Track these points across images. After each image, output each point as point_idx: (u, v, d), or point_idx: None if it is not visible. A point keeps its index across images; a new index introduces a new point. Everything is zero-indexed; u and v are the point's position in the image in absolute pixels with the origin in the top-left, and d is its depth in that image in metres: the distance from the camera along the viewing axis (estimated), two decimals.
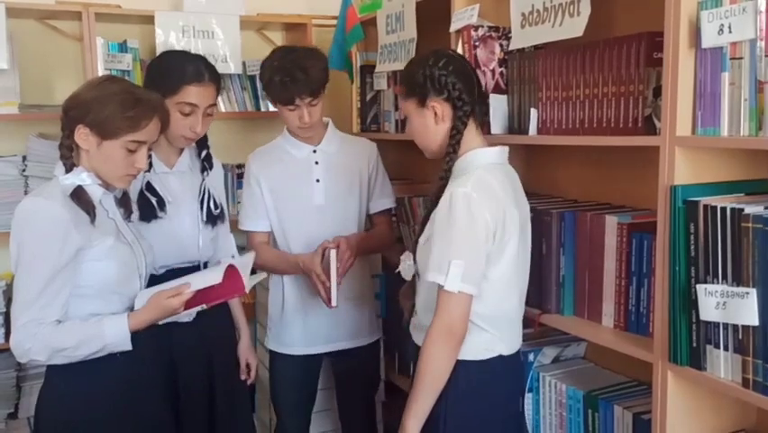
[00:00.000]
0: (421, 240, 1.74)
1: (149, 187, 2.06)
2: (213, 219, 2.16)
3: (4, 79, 2.70)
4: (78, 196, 1.67)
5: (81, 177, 1.69)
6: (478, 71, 2.08)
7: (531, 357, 2.01)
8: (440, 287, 1.61)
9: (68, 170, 1.69)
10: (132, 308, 1.76)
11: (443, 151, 1.76)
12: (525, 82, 2.01)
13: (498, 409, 1.75)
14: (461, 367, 1.67)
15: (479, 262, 1.61)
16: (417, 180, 2.64)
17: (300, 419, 2.47)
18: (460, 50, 2.13)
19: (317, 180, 2.31)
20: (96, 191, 1.72)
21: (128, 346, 1.71)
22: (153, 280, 1.96)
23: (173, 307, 1.74)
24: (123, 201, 1.85)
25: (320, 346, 2.36)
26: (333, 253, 2.14)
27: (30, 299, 1.61)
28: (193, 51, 2.86)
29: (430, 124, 1.75)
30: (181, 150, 2.15)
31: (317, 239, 2.23)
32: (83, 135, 1.68)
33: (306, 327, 2.34)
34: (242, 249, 2.40)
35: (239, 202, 3.26)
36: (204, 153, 2.21)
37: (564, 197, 2.14)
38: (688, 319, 1.47)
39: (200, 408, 2.16)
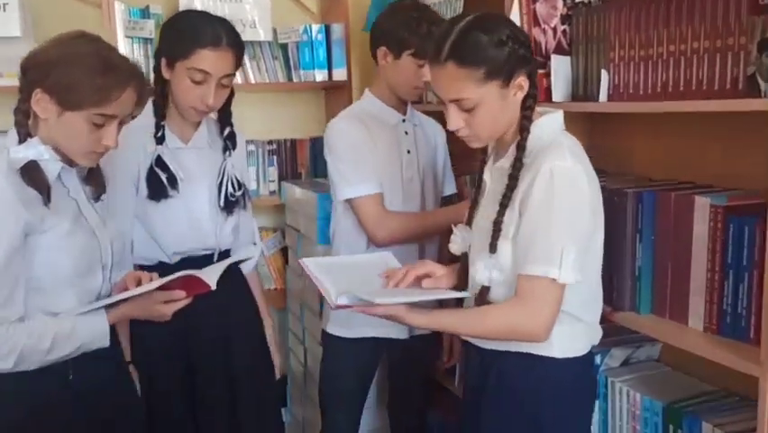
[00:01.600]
0: (507, 229, 1.44)
1: (159, 162, 1.83)
2: (230, 205, 1.93)
3: (16, 48, 2.44)
4: (30, 173, 1.41)
5: (37, 150, 1.43)
6: (537, 29, 1.82)
7: (597, 360, 1.74)
8: (542, 280, 1.37)
9: (22, 140, 1.44)
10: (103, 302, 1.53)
11: (510, 131, 1.50)
12: (592, 40, 1.73)
13: (589, 407, 1.61)
14: (564, 366, 1.48)
15: (584, 245, 1.41)
16: (458, 155, 2.37)
17: (351, 416, 2.23)
18: (516, 6, 1.85)
19: (408, 152, 2.09)
20: (53, 167, 1.46)
21: (106, 343, 1.51)
22: (165, 269, 1.75)
23: (163, 314, 1.54)
24: (90, 178, 1.58)
25: (385, 329, 2.05)
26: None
27: None
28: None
29: (510, 104, 1.45)
30: (198, 123, 1.92)
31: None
32: (41, 102, 1.42)
33: None
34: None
35: (271, 180, 3.07)
36: (227, 131, 1.98)
37: (637, 174, 1.85)
38: None
39: (221, 402, 1.96)
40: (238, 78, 2.79)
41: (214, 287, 1.53)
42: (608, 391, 1.73)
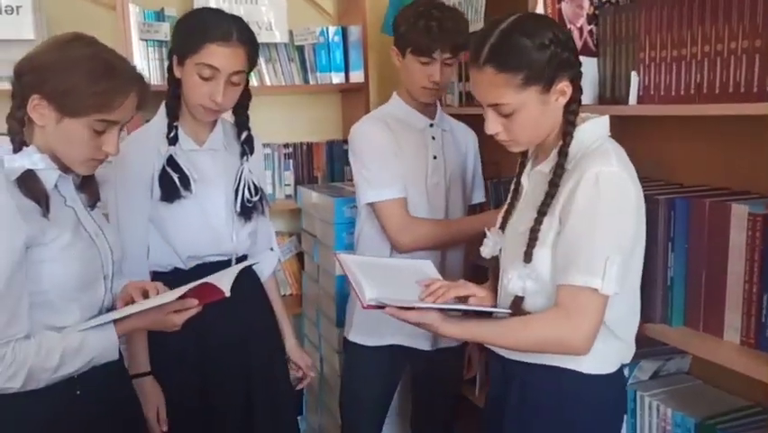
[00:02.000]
0: (545, 237, 1.39)
1: (170, 162, 1.77)
2: (247, 211, 1.87)
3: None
4: (27, 183, 1.35)
5: (32, 159, 1.37)
6: None
7: (626, 372, 1.68)
8: (585, 290, 1.32)
9: (17, 149, 1.38)
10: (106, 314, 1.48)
11: (553, 135, 1.44)
12: (621, 41, 1.67)
13: (616, 425, 1.55)
14: (591, 382, 1.43)
15: (628, 256, 1.36)
16: (486, 162, 2.31)
17: (373, 427, 2.18)
18: (541, 6, 1.79)
19: (434, 157, 2.04)
20: (50, 177, 1.40)
21: (115, 357, 1.47)
22: (180, 276, 1.71)
23: (174, 324, 1.49)
24: (84, 185, 1.52)
25: (409, 338, 2.03)
26: None
27: None
28: None
29: (552, 109, 1.40)
30: (213, 123, 1.87)
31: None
32: (38, 108, 1.35)
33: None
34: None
35: (287, 184, 3.02)
36: (244, 135, 1.92)
37: (667, 180, 1.78)
38: None
39: (236, 409, 1.90)
40: (254, 81, 2.75)
41: (228, 294, 1.48)
42: (637, 405, 1.66)
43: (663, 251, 1.53)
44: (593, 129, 1.42)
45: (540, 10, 1.79)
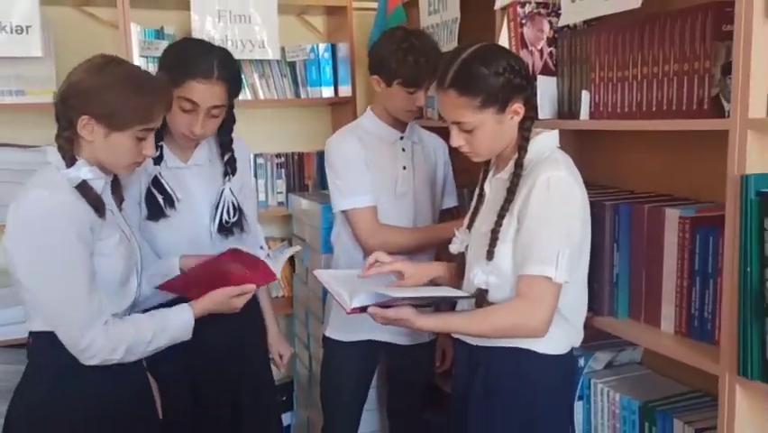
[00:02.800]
0: (504, 236, 1.57)
1: (155, 182, 1.91)
2: (224, 230, 2.00)
3: (39, 67, 2.66)
4: (84, 190, 1.56)
5: (85, 170, 1.57)
6: (524, 52, 1.93)
7: (582, 362, 1.85)
8: (540, 279, 1.50)
9: (69, 162, 1.56)
10: (129, 309, 1.67)
11: (510, 147, 1.64)
12: (576, 62, 1.84)
13: (567, 400, 1.74)
14: (545, 361, 1.62)
15: (575, 250, 1.55)
16: (460, 170, 2.49)
17: (351, 416, 2.36)
18: (505, 29, 1.97)
19: (404, 168, 2.20)
20: (98, 184, 1.61)
21: (189, 337, 1.70)
22: None
23: (236, 306, 1.74)
24: (114, 188, 1.72)
25: (382, 333, 2.20)
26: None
27: (85, 301, 1.52)
28: (229, 37, 2.84)
29: (507, 127, 1.60)
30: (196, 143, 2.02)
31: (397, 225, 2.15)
32: (88, 127, 1.54)
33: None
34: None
35: (279, 192, 3.19)
36: (227, 157, 2.03)
37: (620, 188, 1.96)
38: (760, 328, 1.28)
39: (223, 404, 2.06)
40: (248, 95, 2.94)
41: (279, 276, 1.78)
42: (591, 392, 1.83)
43: (610, 250, 1.71)
44: (545, 141, 1.62)
45: (504, 33, 1.97)
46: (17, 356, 2.62)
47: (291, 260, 3.18)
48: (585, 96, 1.77)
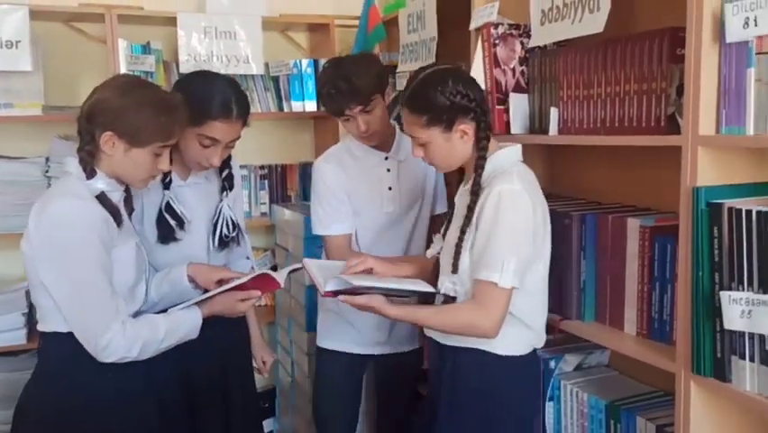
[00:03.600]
0: (466, 245, 1.67)
1: (168, 208, 1.97)
2: (224, 244, 2.08)
3: (28, 81, 2.73)
4: (103, 201, 1.66)
5: (104, 182, 1.68)
6: (497, 70, 2.04)
7: (552, 364, 1.95)
8: (487, 284, 1.59)
9: (89, 175, 1.66)
10: (136, 315, 1.75)
11: (467, 163, 1.74)
12: (545, 80, 1.95)
13: (530, 405, 1.81)
14: (505, 362, 1.69)
15: (526, 256, 1.62)
16: (452, 181, 2.58)
17: (347, 425, 2.43)
18: (479, 49, 2.08)
19: (389, 188, 2.25)
20: (116, 195, 1.71)
21: (196, 335, 1.79)
22: None
23: (241, 310, 1.85)
24: (126, 199, 1.81)
25: (370, 346, 2.32)
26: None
27: (107, 302, 1.61)
28: (215, 52, 2.92)
29: (457, 144, 1.69)
30: None
31: (386, 246, 2.22)
32: (110, 143, 1.64)
33: (355, 325, 2.29)
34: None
35: (262, 203, 3.27)
36: (225, 173, 2.09)
37: (587, 199, 2.07)
38: (712, 328, 1.39)
39: (214, 413, 2.12)
40: None
41: (283, 285, 1.84)
42: (561, 392, 1.93)
43: (577, 258, 1.81)
44: (507, 155, 1.71)
45: (478, 53, 2.07)
46: (14, 364, 2.68)
47: (274, 270, 3.25)
48: (554, 112, 1.88)
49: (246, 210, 3.18)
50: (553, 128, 1.90)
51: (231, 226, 2.08)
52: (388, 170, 2.26)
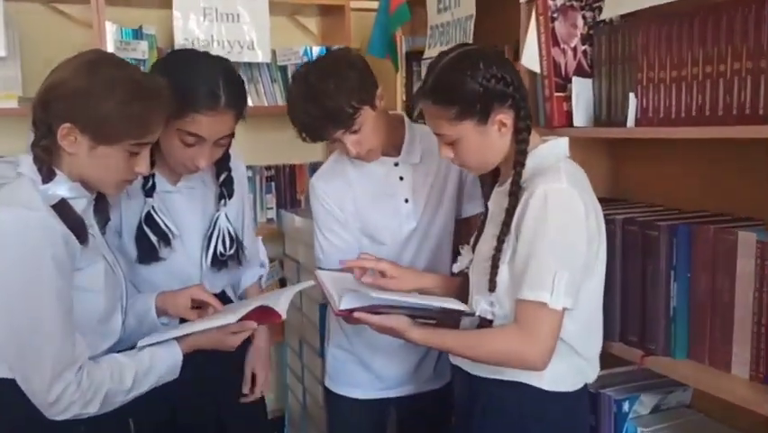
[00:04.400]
0: (504, 257, 1.41)
1: (149, 220, 1.62)
2: (219, 264, 1.73)
3: (2, 68, 2.41)
4: (63, 211, 1.29)
5: (63, 188, 1.31)
6: (556, 50, 1.70)
7: (626, 407, 1.61)
8: (535, 305, 1.34)
9: (45, 177, 1.30)
10: (110, 350, 1.41)
11: (503, 161, 1.48)
12: (617, 61, 1.61)
13: None
14: (553, 400, 1.44)
15: (579, 271, 1.38)
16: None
17: None
18: (533, 25, 1.74)
19: (405, 201, 1.85)
20: (80, 204, 1.35)
21: (177, 375, 1.46)
22: None
23: (232, 345, 1.50)
24: (99, 206, 1.45)
25: (390, 391, 1.94)
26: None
27: (57, 344, 1.26)
28: (215, 37, 2.58)
29: (494, 139, 1.44)
30: None
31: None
32: (69, 137, 1.29)
33: (372, 366, 1.92)
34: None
35: (269, 208, 2.94)
36: (223, 176, 1.75)
37: (665, 205, 1.72)
38: None
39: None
40: None
41: (284, 316, 1.50)
42: None
43: (666, 279, 1.46)
44: (551, 150, 1.45)
45: (532, 29, 1.74)
46: None
47: (282, 282, 2.92)
48: (632, 99, 1.54)
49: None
50: (631, 119, 1.55)
51: (229, 242, 1.73)
52: (402, 179, 1.85)
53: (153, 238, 1.62)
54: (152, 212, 1.63)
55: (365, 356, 1.90)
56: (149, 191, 1.63)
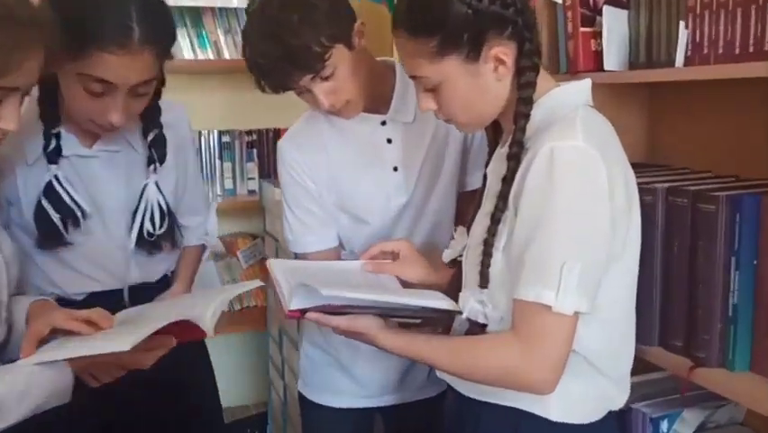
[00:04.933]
0: (498, 242, 1.08)
1: (49, 192, 1.33)
2: (149, 246, 1.45)
3: None
4: None
5: None
6: None
7: (664, 427, 1.29)
8: (535, 307, 1.02)
9: None
10: None
11: (504, 114, 1.15)
12: None
13: None
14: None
15: (599, 261, 1.04)
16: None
17: None
18: None
19: (395, 169, 1.52)
20: None
21: (67, 399, 1.15)
22: (66, 305, 1.29)
23: (143, 364, 1.19)
24: None
25: (375, 399, 1.63)
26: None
27: None
28: None
29: (488, 81, 1.11)
30: None
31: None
32: None
33: (353, 370, 1.62)
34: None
35: (251, 178, 2.64)
36: (151, 135, 1.45)
37: (716, 172, 1.37)
38: None
39: None
40: (209, 54, 2.34)
41: (211, 334, 1.18)
42: None
43: (723, 268, 1.12)
44: (565, 95, 1.11)
45: None
46: None
47: (262, 262, 2.61)
48: (683, 30, 1.18)
49: (229, 187, 2.57)
50: (680, 56, 1.20)
51: (159, 218, 1.42)
52: (390, 141, 1.50)
53: (55, 216, 1.31)
54: (55, 182, 1.32)
55: (344, 358, 1.58)
56: (51, 155, 1.32)
